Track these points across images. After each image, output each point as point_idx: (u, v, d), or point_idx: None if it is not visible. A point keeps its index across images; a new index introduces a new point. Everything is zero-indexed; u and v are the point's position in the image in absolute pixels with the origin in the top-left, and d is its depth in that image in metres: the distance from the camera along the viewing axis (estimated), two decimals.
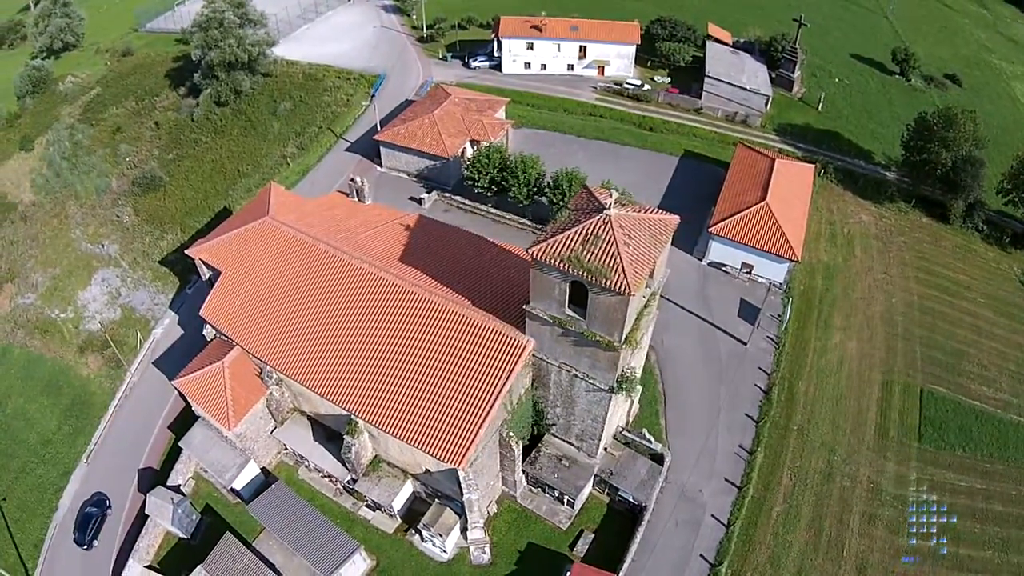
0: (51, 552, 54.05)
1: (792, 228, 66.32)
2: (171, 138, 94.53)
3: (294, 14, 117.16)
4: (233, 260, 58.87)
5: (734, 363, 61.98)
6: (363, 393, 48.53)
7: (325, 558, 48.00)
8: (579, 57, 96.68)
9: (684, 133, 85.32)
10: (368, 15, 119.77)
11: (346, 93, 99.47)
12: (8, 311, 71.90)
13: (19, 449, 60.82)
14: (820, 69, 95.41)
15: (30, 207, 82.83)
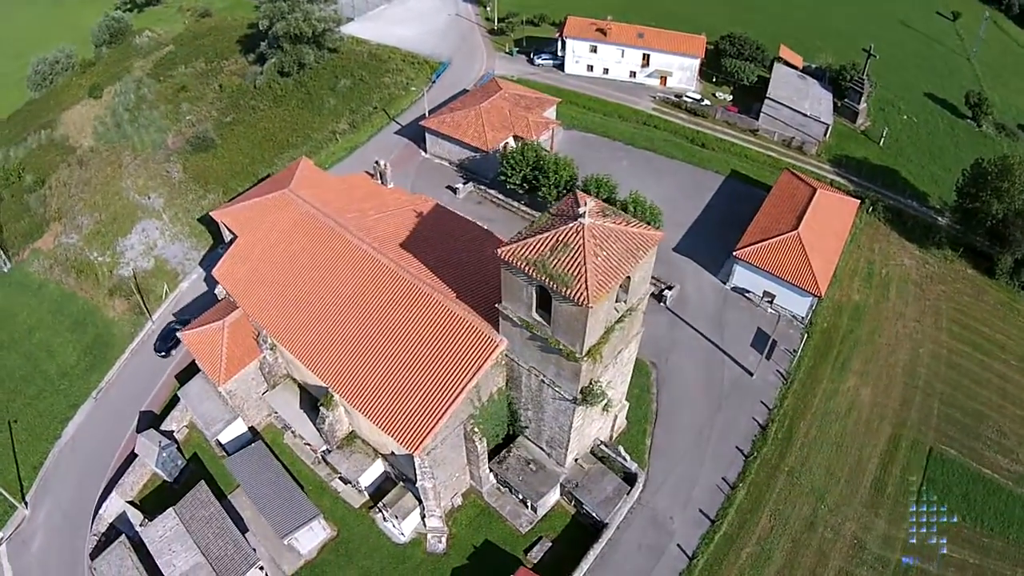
0: (47, 475, 60.26)
1: (821, 262, 65.78)
2: (231, 102, 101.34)
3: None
4: (249, 226, 63.85)
5: (736, 393, 62.34)
6: (341, 368, 52.10)
7: (284, 520, 51.87)
8: (642, 65, 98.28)
9: (735, 153, 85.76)
10: (445, 2, 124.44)
11: (407, 77, 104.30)
12: (51, 248, 79.86)
13: (37, 377, 67.78)
14: (889, 104, 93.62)
15: (88, 152, 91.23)
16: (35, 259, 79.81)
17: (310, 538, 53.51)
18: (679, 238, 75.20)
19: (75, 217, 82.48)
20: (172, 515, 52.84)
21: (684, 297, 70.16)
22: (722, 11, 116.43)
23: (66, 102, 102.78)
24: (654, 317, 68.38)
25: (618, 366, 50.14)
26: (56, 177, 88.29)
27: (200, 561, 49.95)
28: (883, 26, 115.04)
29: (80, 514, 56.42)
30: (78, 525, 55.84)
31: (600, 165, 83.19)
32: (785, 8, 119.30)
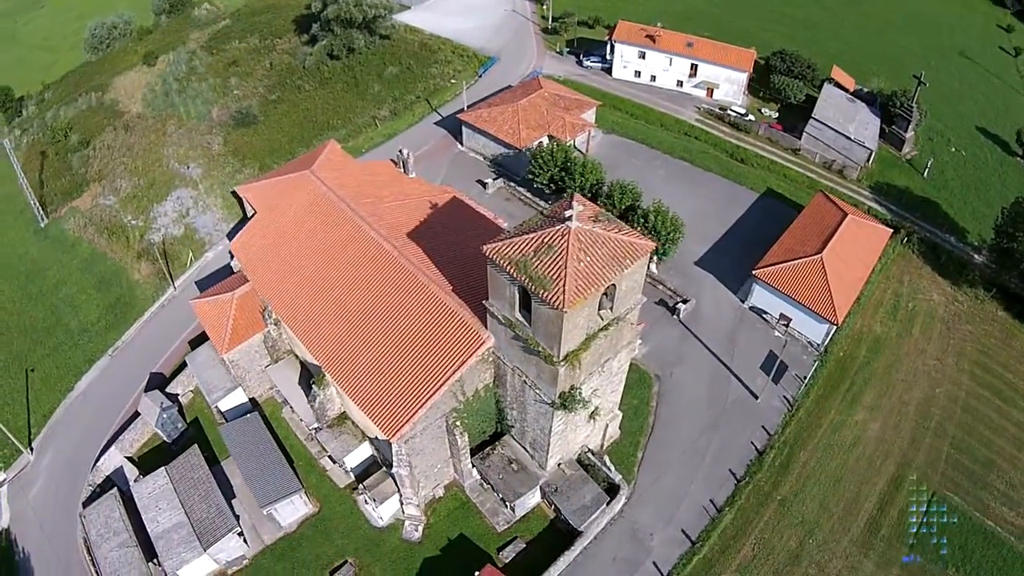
0: (55, 424, 64.56)
1: (842, 289, 64.88)
2: (279, 80, 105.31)
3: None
4: (268, 204, 66.73)
5: (738, 414, 62.16)
6: (335, 348, 54.22)
7: (267, 491, 54.43)
8: (689, 75, 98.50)
9: (774, 171, 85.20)
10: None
11: (455, 69, 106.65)
12: (88, 207, 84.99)
13: (58, 330, 72.48)
14: (939, 134, 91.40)
15: (135, 118, 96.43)
16: (71, 217, 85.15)
17: (291, 511, 55.99)
18: (703, 252, 75.13)
19: (114, 180, 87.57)
20: (163, 474, 56.09)
21: (699, 312, 70.13)
22: (779, 27, 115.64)
23: (120, 67, 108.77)
24: (665, 329, 69.00)
25: (606, 375, 50.82)
26: (101, 139, 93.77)
27: (183, 520, 52.89)
28: (943, 56, 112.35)
29: (80, 464, 60.29)
30: (77, 474, 59.70)
31: (635, 172, 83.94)
32: (844, 29, 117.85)
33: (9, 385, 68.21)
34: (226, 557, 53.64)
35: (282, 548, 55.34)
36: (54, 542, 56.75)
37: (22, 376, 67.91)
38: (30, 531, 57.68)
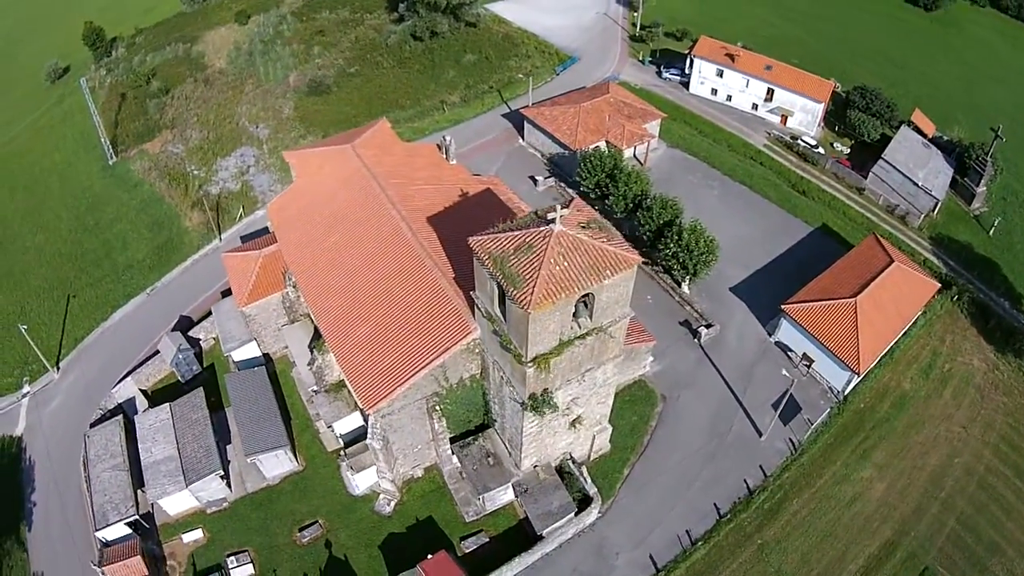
0: (84, 349, 71.19)
1: (871, 338, 63.33)
2: (359, 54, 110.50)
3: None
4: (309, 172, 71.10)
5: (737, 449, 61.88)
6: (337, 317, 57.61)
7: (254, 441, 58.60)
8: (765, 99, 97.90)
9: (834, 208, 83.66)
10: (598, 1, 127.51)
11: (534, 64, 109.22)
12: (156, 152, 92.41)
13: (106, 263, 79.51)
14: (1014, 194, 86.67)
15: (216, 74, 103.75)
16: (139, 159, 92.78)
17: (274, 464, 59.98)
18: (740, 279, 74.62)
19: (186, 129, 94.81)
20: (166, 410, 61.31)
21: (722, 339, 69.83)
22: (868, 63, 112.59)
23: (212, 22, 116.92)
24: (683, 351, 69.24)
25: (588, 385, 51.92)
26: (180, 89, 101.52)
27: (173, 455, 57.73)
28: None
29: (98, 389, 66.42)
30: (93, 398, 65.83)
31: (688, 189, 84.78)
32: (935, 74, 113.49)
33: (49, 307, 75.78)
34: (207, 497, 58.24)
35: (261, 498, 59.52)
36: (59, 456, 63.03)
37: (63, 301, 75.32)
38: (40, 442, 64.28)
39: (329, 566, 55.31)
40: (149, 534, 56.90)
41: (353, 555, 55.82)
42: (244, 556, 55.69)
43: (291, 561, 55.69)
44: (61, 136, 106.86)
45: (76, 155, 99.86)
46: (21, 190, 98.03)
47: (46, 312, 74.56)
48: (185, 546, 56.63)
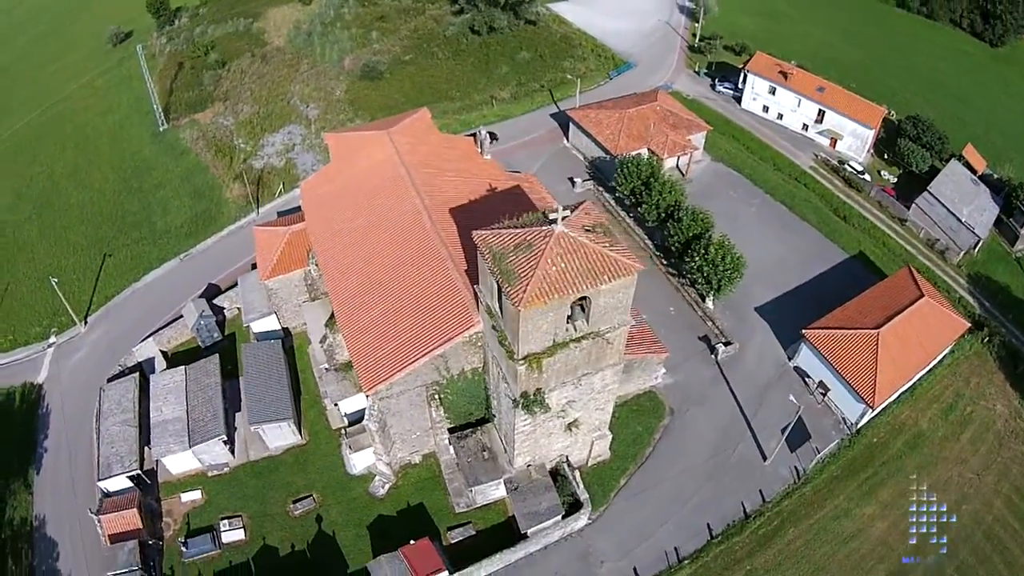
0: (113, 306, 74.86)
1: (891, 372, 62.03)
2: (416, 43, 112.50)
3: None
4: (345, 154, 73.01)
5: (739, 471, 61.23)
6: (350, 299, 59.24)
7: (259, 411, 60.74)
8: (815, 120, 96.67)
9: (874, 236, 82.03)
10: (662, 7, 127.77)
11: (588, 67, 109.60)
12: (206, 123, 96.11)
13: (144, 226, 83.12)
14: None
15: (273, 51, 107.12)
16: (189, 128, 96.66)
17: (277, 435, 61.99)
18: (767, 299, 73.66)
19: (237, 103, 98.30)
20: (181, 372, 64.00)
21: (740, 358, 69.15)
22: (927, 93, 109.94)
23: (276, 0, 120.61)
24: (698, 367, 68.87)
25: (585, 390, 52.08)
26: (237, 63, 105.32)
27: (181, 416, 60.29)
28: None
29: (121, 346, 69.71)
30: (115, 354, 69.11)
31: (727, 204, 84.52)
32: (994, 110, 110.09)
33: (85, 264, 79.81)
34: (209, 460, 60.59)
35: (262, 467, 61.60)
36: (75, 406, 66.38)
37: (99, 259, 79.15)
38: (58, 392, 67.93)
39: (316, 540, 57.01)
40: (150, 490, 59.57)
41: (341, 532, 57.39)
42: (237, 521, 57.78)
43: (281, 531, 57.56)
44: (116, 99, 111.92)
45: (129, 119, 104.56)
46: (72, 148, 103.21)
47: (81, 268, 78.55)
48: (182, 505, 59.09)
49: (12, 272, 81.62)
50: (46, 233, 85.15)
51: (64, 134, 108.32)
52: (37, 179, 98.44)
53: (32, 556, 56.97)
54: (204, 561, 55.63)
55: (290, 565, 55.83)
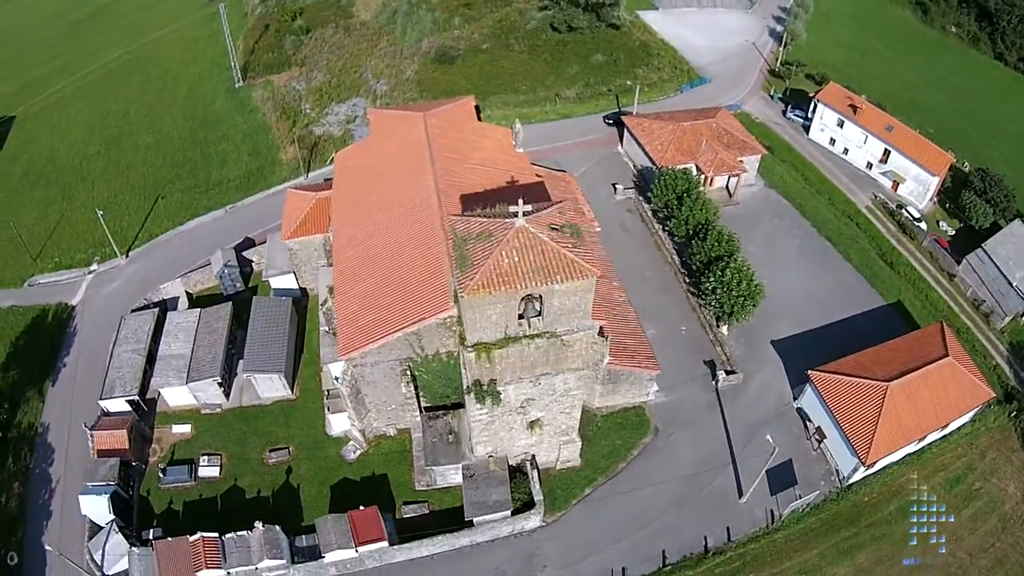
0: (154, 245, 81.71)
1: (892, 430, 59.41)
2: (495, 33, 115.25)
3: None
4: (381, 131, 76.56)
5: (711, 504, 60.37)
6: (349, 268, 62.65)
7: (253, 360, 65.12)
8: (880, 159, 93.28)
9: (917, 287, 78.60)
10: (752, 28, 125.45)
11: (661, 77, 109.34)
12: (279, 85, 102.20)
13: (200, 174, 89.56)
14: None
15: (357, 24, 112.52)
16: (262, 88, 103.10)
17: (268, 387, 66.11)
18: (787, 335, 71.79)
19: (312, 70, 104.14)
20: (195, 314, 69.24)
21: (741, 389, 67.94)
22: (1004, 147, 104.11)
23: None
24: (695, 390, 68.26)
25: (545, 390, 53.19)
26: (320, 32, 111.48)
27: (185, 353, 65.42)
28: None
29: (153, 282, 75.87)
30: (146, 289, 75.40)
31: (768, 232, 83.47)
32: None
33: (139, 203, 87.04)
34: (204, 399, 65.44)
35: (250, 414, 66.01)
36: (98, 330, 72.86)
37: (151, 199, 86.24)
38: (87, 315, 75.06)
39: (281, 489, 60.74)
40: (146, 417, 65.01)
41: (306, 486, 60.94)
42: (216, 459, 62.28)
43: (253, 475, 61.70)
44: (202, 52, 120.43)
45: (210, 72, 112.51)
46: (151, 92, 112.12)
47: (134, 205, 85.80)
48: (172, 435, 64.20)
49: (70, 200, 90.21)
50: (109, 168, 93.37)
51: (146, 77, 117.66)
52: (113, 116, 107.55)
53: (31, 458, 63.71)
54: (178, 490, 60.57)
55: (253, 507, 59.50)
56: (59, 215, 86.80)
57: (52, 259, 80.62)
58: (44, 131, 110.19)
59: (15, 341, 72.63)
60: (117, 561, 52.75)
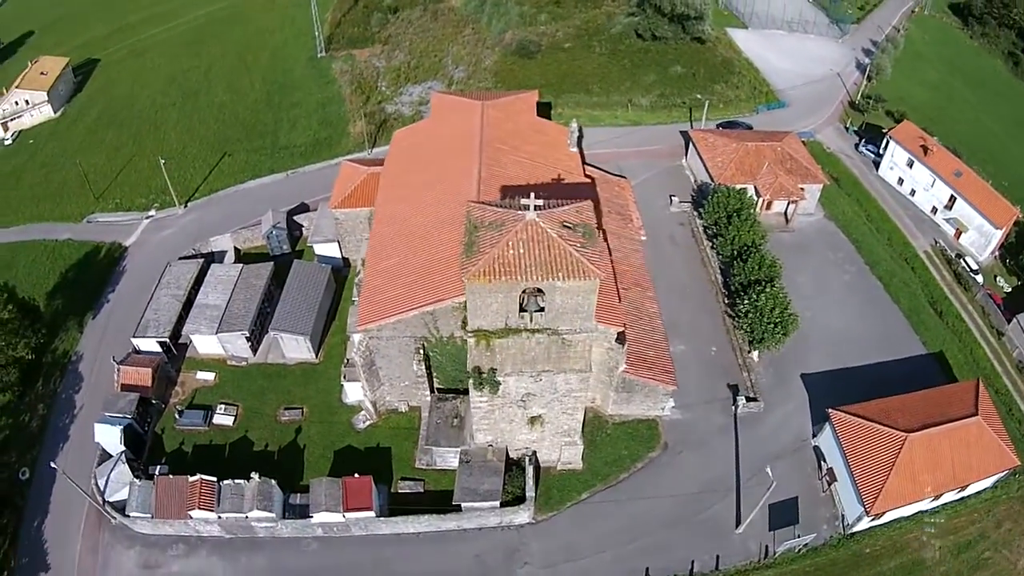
0: (213, 200, 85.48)
1: (904, 485, 56.71)
2: (580, 33, 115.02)
3: (783, 18, 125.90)
4: (440, 114, 78.13)
5: (704, 529, 58.88)
6: (381, 242, 64.18)
7: (282, 320, 67.20)
8: (945, 205, 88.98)
9: (963, 341, 74.58)
10: (841, 59, 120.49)
11: (738, 96, 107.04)
12: (360, 60, 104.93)
13: (268, 137, 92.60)
14: None
15: (445, 9, 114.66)
16: (343, 61, 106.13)
17: (294, 347, 68.16)
18: (818, 370, 69.05)
19: (394, 49, 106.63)
20: (237, 269, 72.07)
21: (760, 418, 65.96)
22: None
23: None
24: (712, 413, 66.54)
25: (547, 387, 53.20)
26: (408, 13, 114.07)
27: (221, 304, 68.12)
28: None
29: (205, 233, 79.32)
30: (196, 239, 78.91)
31: (822, 264, 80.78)
32: None
33: (204, 158, 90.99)
34: (232, 351, 68.07)
35: (272, 371, 68.25)
36: (144, 273, 76.47)
37: (218, 155, 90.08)
38: (138, 257, 79.20)
39: (288, 447, 62.71)
40: (174, 361, 68.24)
41: (311, 448, 62.70)
42: (232, 409, 64.79)
43: (263, 430, 63.86)
44: (290, 19, 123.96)
45: (295, 39, 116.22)
46: (235, 52, 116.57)
47: (201, 159, 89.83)
48: (196, 381, 67.10)
49: (140, 146, 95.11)
50: (182, 121, 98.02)
51: (233, 38, 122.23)
52: (194, 71, 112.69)
53: (60, 383, 67.93)
54: (191, 433, 63.40)
55: (258, 460, 61.62)
56: (127, 159, 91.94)
57: (113, 200, 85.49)
58: (126, 77, 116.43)
59: (65, 272, 77.48)
60: (119, 490, 55.76)
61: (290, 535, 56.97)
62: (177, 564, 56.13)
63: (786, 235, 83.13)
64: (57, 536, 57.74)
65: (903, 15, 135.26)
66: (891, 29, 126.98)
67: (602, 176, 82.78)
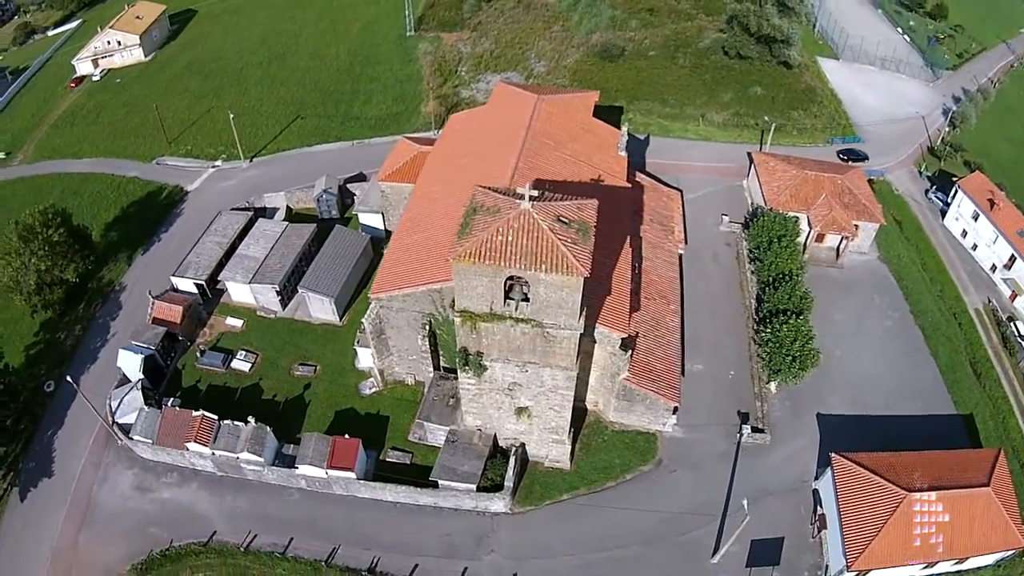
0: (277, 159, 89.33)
1: (894, 546, 53.46)
2: (667, 43, 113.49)
3: (876, 53, 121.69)
4: (497, 103, 78.90)
5: (680, 552, 57.36)
6: (411, 218, 65.82)
7: (312, 280, 69.83)
8: (1005, 264, 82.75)
9: (997, 407, 69.62)
10: (927, 102, 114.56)
11: (815, 125, 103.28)
12: (447, 44, 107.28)
13: (343, 106, 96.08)
14: None
15: (538, 4, 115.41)
16: (429, 42, 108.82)
17: (319, 307, 70.61)
18: (837, 412, 66.09)
19: (482, 36, 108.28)
20: (281, 226, 75.23)
21: (764, 451, 63.65)
22: None
23: None
24: (717, 438, 64.70)
25: (533, 379, 53.36)
26: (501, 3, 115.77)
27: (258, 257, 71.43)
28: None
29: (263, 189, 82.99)
30: (252, 192, 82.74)
31: (864, 306, 77.19)
32: None
33: (279, 119, 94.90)
34: (263, 302, 71.18)
35: (297, 327, 71.24)
36: (199, 218, 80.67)
37: (291, 117, 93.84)
38: (196, 202, 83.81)
39: (293, 400, 65.47)
40: (208, 304, 72.09)
41: (315, 405, 65.23)
42: (251, 356, 68.00)
43: (275, 380, 66.84)
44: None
45: (386, 16, 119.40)
46: (327, 21, 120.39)
47: (274, 118, 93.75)
48: (224, 325, 70.73)
49: (219, 99, 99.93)
50: (264, 80, 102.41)
51: (328, 7, 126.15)
52: (285, 35, 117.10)
53: (100, 309, 73.03)
54: (208, 373, 66.97)
55: (263, 407, 64.47)
56: (205, 110, 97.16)
57: (185, 146, 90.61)
58: (219, 31, 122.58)
59: (126, 208, 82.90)
60: (129, 413, 59.69)
61: (275, 482, 59.39)
62: (168, 491, 59.54)
63: (833, 270, 79.73)
64: (65, 448, 62.20)
65: (1001, 68, 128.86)
66: (985, 80, 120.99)
67: (653, 185, 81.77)
